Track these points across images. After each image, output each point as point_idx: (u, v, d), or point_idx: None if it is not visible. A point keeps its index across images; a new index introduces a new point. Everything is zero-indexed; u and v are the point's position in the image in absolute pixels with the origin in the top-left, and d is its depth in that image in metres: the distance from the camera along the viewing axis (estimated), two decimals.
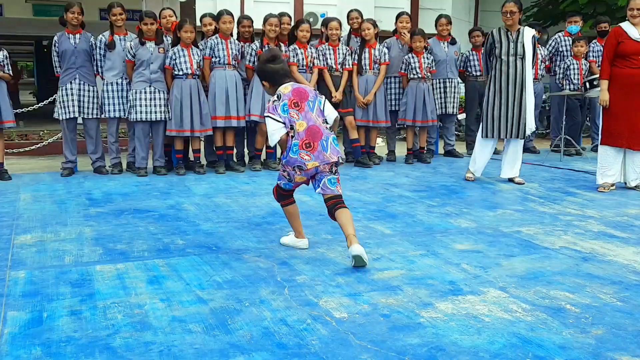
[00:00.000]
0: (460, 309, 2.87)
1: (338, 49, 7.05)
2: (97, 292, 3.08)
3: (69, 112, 6.41)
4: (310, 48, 6.93)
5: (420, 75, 7.20)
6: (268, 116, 3.61)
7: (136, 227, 4.35)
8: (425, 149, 7.78)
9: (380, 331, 2.63)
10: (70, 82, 6.38)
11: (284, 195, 3.81)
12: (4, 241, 4.01)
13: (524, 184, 6.02)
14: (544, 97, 10.36)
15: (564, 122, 7.89)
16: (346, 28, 7.58)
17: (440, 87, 7.76)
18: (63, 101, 6.40)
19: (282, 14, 6.97)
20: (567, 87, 8.21)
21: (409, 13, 8.26)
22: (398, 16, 7.65)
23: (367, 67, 7.17)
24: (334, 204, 3.60)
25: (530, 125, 6.01)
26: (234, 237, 4.10)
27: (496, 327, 2.67)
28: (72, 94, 6.37)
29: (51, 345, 2.49)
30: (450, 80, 7.80)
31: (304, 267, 3.47)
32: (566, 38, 8.59)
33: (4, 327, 2.66)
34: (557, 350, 2.44)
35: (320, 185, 3.61)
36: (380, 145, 8.94)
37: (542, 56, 8.34)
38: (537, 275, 3.35)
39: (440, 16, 7.96)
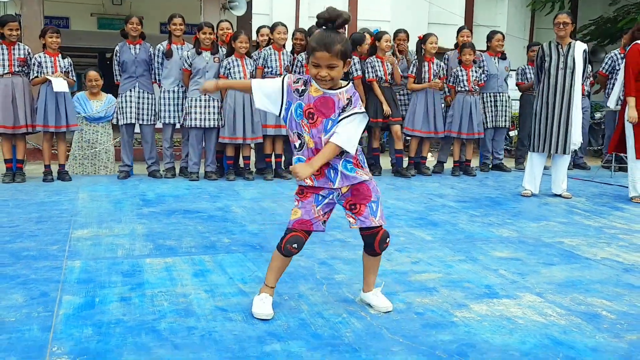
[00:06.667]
0: (494, 310, 2.92)
1: (386, 61, 7.17)
2: (146, 282, 3.25)
3: (128, 118, 6.72)
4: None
5: (467, 88, 7.24)
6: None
7: (185, 226, 4.54)
8: (480, 162, 7.84)
9: (414, 327, 2.70)
10: (130, 90, 6.70)
11: None
12: (62, 234, 4.25)
13: (571, 198, 5.97)
14: (598, 115, 10.23)
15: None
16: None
17: (491, 101, 7.78)
18: (122, 107, 6.72)
19: None
20: (619, 103, 8.09)
21: (468, 26, 8.33)
22: (459, 30, 7.80)
23: (427, 81, 7.26)
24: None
25: (575, 140, 5.96)
26: (278, 238, 4.17)
27: (529, 329, 2.70)
28: (131, 101, 6.68)
29: (102, 326, 2.65)
30: (501, 94, 7.82)
31: (343, 267, 3.57)
32: (622, 55, 8.46)
33: (59, 309, 2.84)
34: (589, 352, 2.47)
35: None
36: (429, 161, 8.99)
37: (587, 73, 8.27)
38: (575, 283, 3.36)
39: (495, 32, 8.00)
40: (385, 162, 8.01)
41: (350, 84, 2.77)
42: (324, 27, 2.69)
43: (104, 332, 2.58)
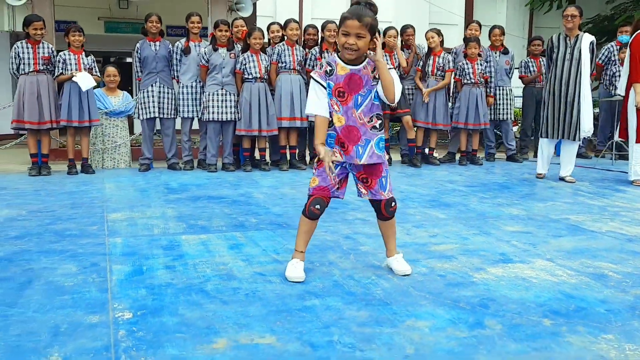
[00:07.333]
0: (509, 273, 3.18)
1: (394, 55, 7.46)
2: (186, 254, 3.51)
3: (149, 113, 7.00)
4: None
5: (473, 81, 7.53)
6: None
7: (212, 209, 4.81)
8: (486, 153, 8.12)
9: (437, 286, 2.96)
10: (152, 85, 6.98)
11: None
12: (98, 217, 4.52)
13: (574, 182, 6.25)
14: (596, 110, 10.55)
15: (617, 126, 8.06)
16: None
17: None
18: (144, 102, 7.00)
19: None
20: (612, 92, 8.46)
21: (479, 22, 8.56)
22: (467, 24, 8.11)
23: (430, 74, 7.56)
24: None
25: (585, 127, 6.23)
26: None
27: (543, 286, 2.96)
28: (152, 96, 6.97)
29: (154, 287, 2.91)
30: (501, 87, 8.13)
31: (366, 240, 3.83)
32: (618, 47, 8.79)
33: (112, 275, 3.10)
34: (598, 303, 2.73)
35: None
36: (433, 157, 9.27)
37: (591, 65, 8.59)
38: (583, 251, 3.63)
39: (494, 27, 8.31)
40: (394, 153, 8.28)
41: (367, 58, 2.95)
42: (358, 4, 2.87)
43: (157, 293, 2.84)
